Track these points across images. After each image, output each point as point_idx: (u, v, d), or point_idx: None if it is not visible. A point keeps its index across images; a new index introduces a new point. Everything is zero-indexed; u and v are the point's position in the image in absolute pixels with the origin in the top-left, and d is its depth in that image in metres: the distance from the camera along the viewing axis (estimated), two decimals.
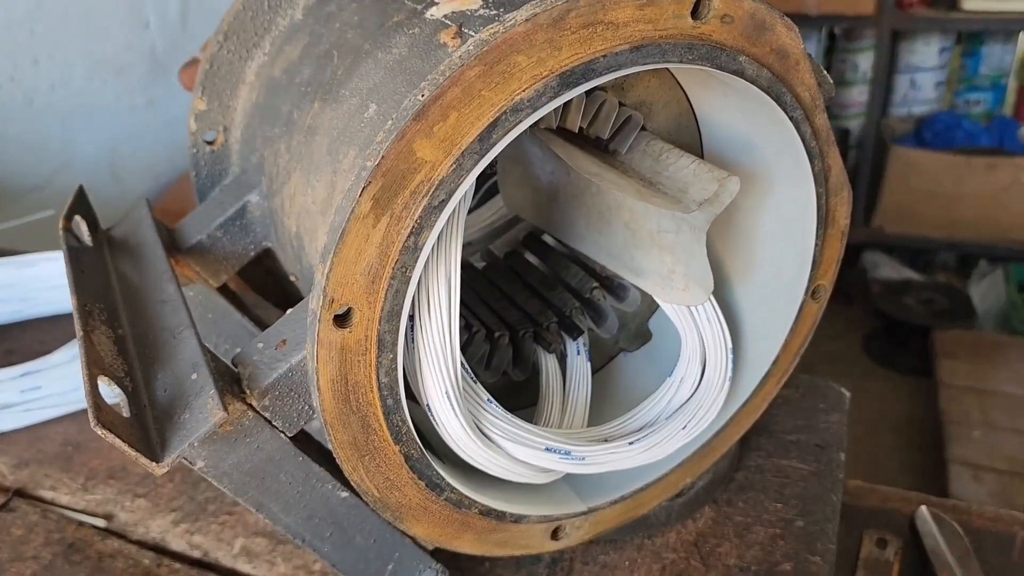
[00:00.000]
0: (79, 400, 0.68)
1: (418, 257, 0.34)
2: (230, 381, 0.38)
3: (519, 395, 0.52)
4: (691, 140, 0.49)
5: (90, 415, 0.34)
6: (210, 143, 0.52)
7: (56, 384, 0.67)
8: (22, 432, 0.67)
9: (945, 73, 2.51)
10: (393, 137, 0.32)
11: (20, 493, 0.61)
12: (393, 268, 0.34)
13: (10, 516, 0.58)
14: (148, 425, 0.36)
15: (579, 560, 0.52)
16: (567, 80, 0.34)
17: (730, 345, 0.47)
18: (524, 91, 0.33)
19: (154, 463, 0.34)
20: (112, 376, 0.37)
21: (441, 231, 0.34)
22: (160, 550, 0.57)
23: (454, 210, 0.34)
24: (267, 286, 0.59)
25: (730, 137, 0.46)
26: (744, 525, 0.53)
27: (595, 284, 0.52)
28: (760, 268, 0.48)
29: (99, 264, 0.47)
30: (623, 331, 0.54)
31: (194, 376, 0.37)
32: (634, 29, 0.35)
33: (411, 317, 0.36)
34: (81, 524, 0.58)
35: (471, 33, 0.40)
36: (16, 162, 1.38)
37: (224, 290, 0.54)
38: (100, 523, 0.58)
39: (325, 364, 0.35)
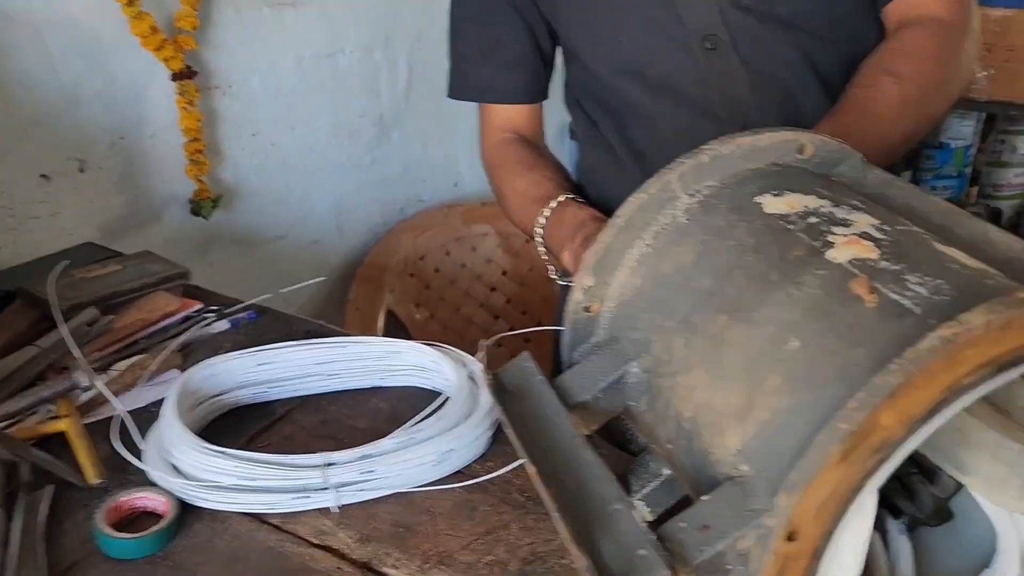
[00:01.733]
0: (401, 484, 0.79)
1: (858, 494, 0.43)
2: (666, 558, 0.47)
3: None
4: None
5: None
6: (587, 310, 0.63)
7: (386, 468, 0.79)
8: (355, 508, 0.78)
9: None
10: (868, 409, 0.41)
11: (368, 567, 0.72)
12: (840, 503, 0.42)
13: None
14: None
15: None
16: (1003, 367, 0.42)
17: None
18: (968, 377, 0.41)
19: None
20: (578, 544, 0.47)
21: None
22: None
23: None
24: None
25: None
26: None
27: (914, 470, 0.59)
28: None
29: (510, 416, 0.58)
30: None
31: (642, 552, 0.47)
32: None
33: None
34: None
35: (883, 289, 0.48)
36: (268, 215, 1.56)
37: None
38: None
39: (770, 568, 0.43)
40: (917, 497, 0.60)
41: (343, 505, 0.78)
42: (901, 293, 0.47)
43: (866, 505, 0.45)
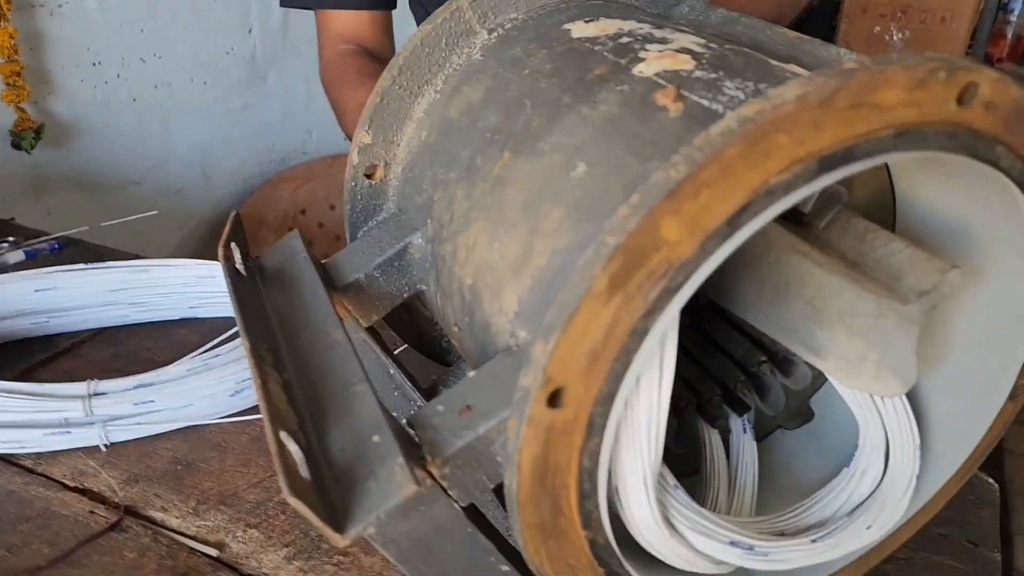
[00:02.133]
0: (190, 417, 0.66)
1: (644, 340, 0.31)
2: (410, 446, 0.36)
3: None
4: (885, 217, 0.46)
5: (282, 482, 0.31)
6: (369, 176, 0.51)
7: (169, 399, 0.66)
8: (131, 445, 0.65)
9: None
10: (642, 215, 0.29)
11: (130, 511, 0.59)
12: (618, 351, 0.31)
13: (122, 537, 0.57)
14: (327, 489, 0.34)
15: None
16: (826, 164, 0.31)
17: (918, 441, 0.43)
18: (781, 174, 0.31)
19: (338, 535, 0.32)
20: (290, 430, 0.35)
21: None
22: None
23: None
24: (400, 320, 0.58)
25: (939, 221, 0.42)
26: None
27: (763, 358, 0.49)
28: (954, 363, 0.44)
29: (256, 298, 0.46)
30: (783, 408, 0.51)
31: (376, 438, 0.35)
32: (899, 113, 0.32)
33: None
34: (192, 551, 0.56)
35: (692, 96, 0.37)
36: (117, 157, 1.40)
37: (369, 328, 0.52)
38: (212, 553, 0.56)
39: (530, 443, 0.32)
40: (767, 391, 0.50)
41: (115, 443, 0.65)
42: (713, 98, 0.37)
43: (663, 361, 0.34)
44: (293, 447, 0.35)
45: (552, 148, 0.39)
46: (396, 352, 0.66)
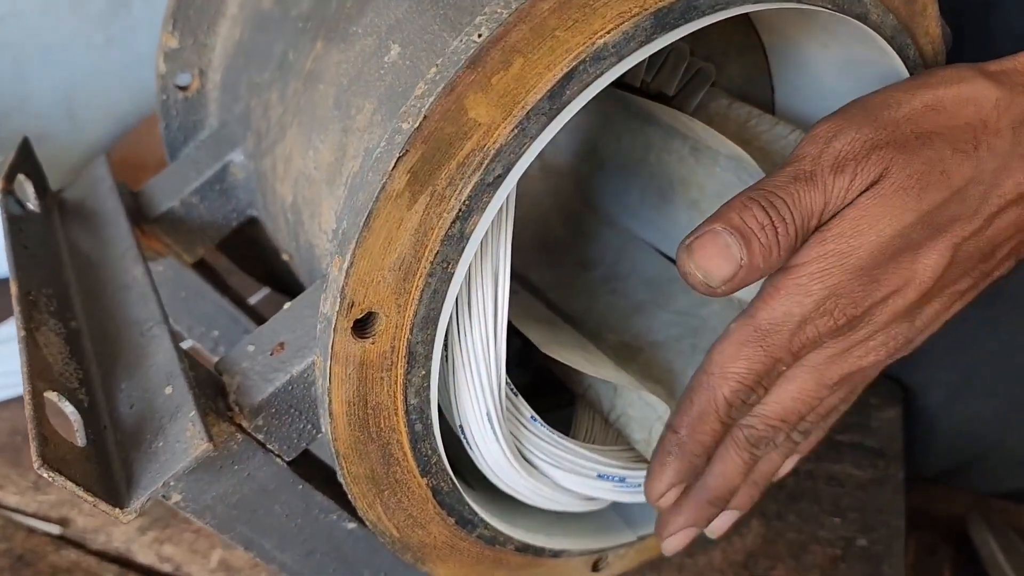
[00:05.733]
0: None
1: (464, 248, 0.26)
2: (214, 395, 0.30)
3: (540, 395, 0.45)
4: (762, 98, 0.41)
5: (33, 450, 0.26)
6: (183, 88, 0.44)
7: (2, 363, 0.58)
8: None
9: None
10: (440, 90, 0.24)
11: None
12: (432, 263, 0.26)
13: None
14: (110, 454, 0.28)
15: None
16: (663, 20, 0.26)
17: None
18: (609, 33, 0.25)
19: (118, 509, 0.27)
20: (63, 388, 0.29)
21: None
22: (125, 563, 0.49)
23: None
24: (247, 257, 0.51)
25: (820, 97, 0.38)
26: (799, 544, 0.47)
27: None
28: None
29: (48, 236, 0.39)
30: None
31: (168, 390, 0.29)
32: None
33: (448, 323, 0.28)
34: (32, 531, 0.50)
35: None
36: None
37: (199, 264, 0.46)
38: (54, 530, 0.50)
39: (340, 383, 0.27)
40: None
41: None
42: None
43: (497, 271, 0.29)
44: (68, 408, 0.29)
45: (365, 31, 0.33)
46: (257, 297, 0.60)
